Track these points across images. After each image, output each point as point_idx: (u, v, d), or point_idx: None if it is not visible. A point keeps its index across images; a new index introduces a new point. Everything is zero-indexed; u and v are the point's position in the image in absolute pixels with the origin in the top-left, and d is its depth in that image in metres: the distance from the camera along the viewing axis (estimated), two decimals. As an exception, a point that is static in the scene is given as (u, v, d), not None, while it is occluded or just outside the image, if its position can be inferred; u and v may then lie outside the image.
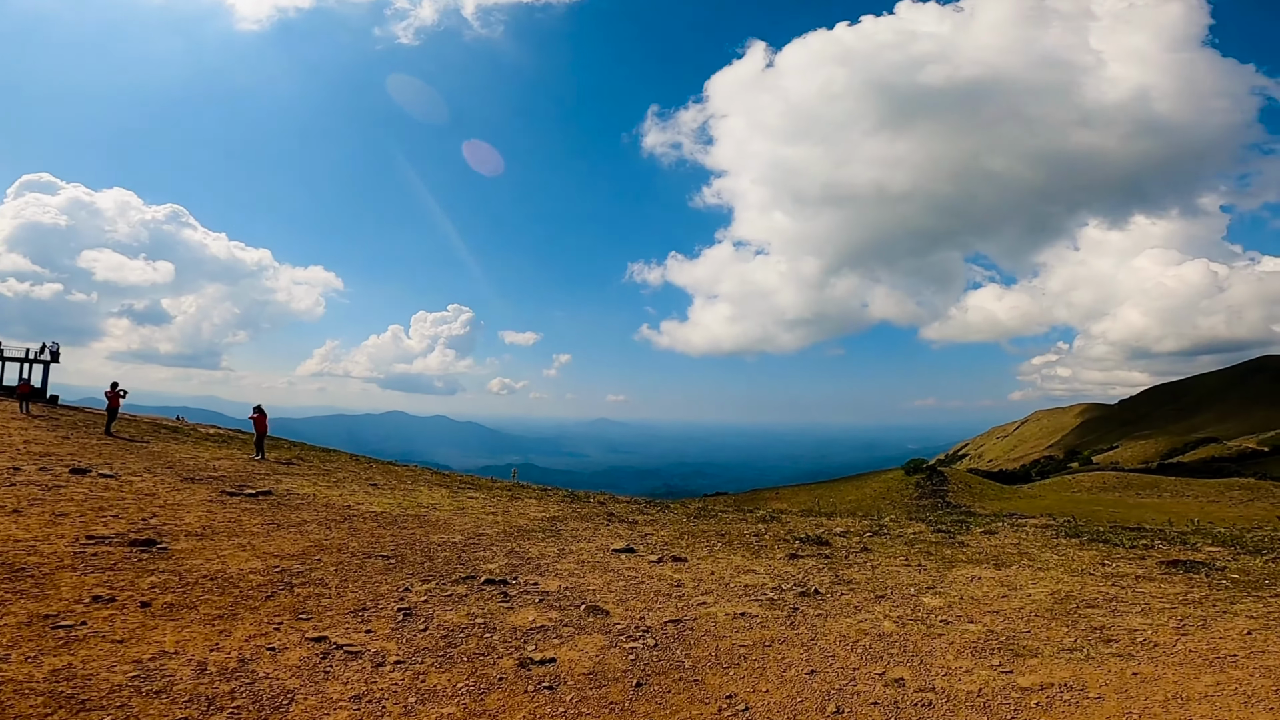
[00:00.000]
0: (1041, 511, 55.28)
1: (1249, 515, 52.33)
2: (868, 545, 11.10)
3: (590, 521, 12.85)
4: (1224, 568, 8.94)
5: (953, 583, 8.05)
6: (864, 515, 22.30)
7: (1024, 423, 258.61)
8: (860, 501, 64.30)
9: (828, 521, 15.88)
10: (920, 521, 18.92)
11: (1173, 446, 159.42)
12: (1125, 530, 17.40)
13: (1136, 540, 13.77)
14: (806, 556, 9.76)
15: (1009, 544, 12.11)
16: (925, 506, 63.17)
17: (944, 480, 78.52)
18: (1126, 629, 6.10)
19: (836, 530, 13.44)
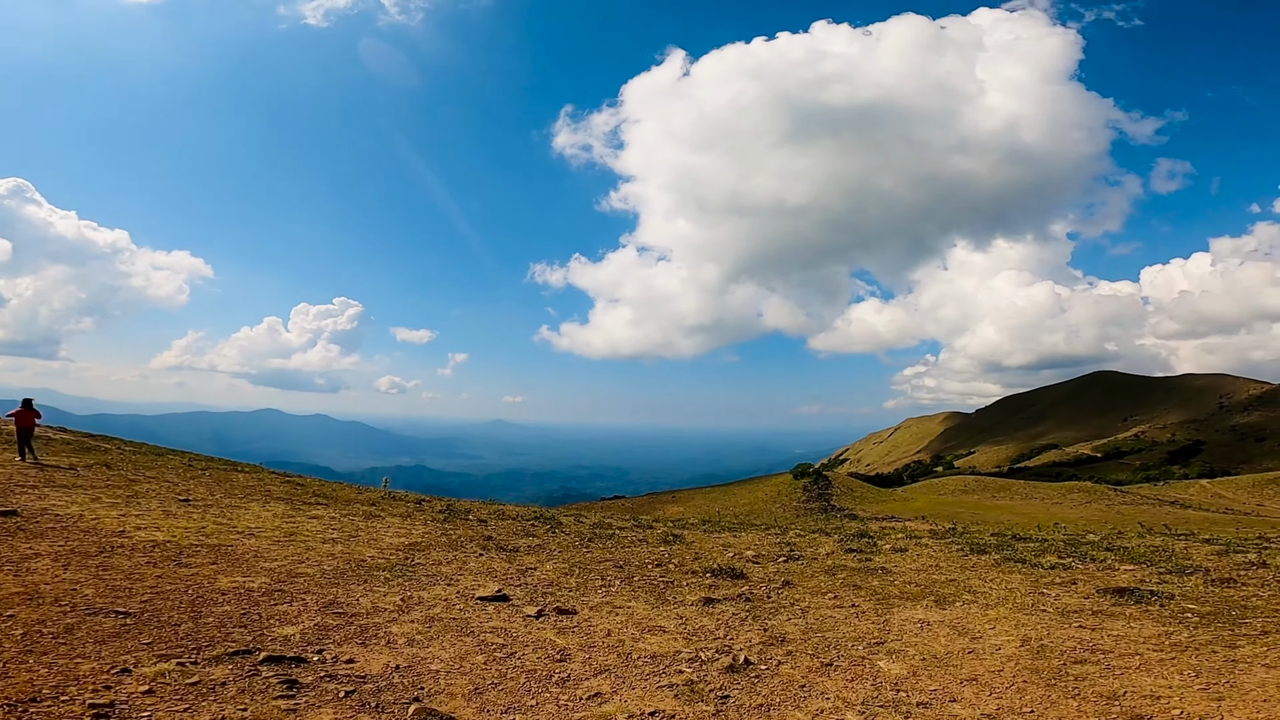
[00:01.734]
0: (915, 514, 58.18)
1: (1089, 516, 57.62)
2: (787, 577, 9.50)
3: (460, 550, 10.40)
4: (1172, 595, 8.07)
5: (902, 633, 6.51)
6: (766, 527, 21.15)
7: (897, 430, 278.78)
8: (753, 505, 64.94)
9: (735, 541, 14.33)
10: (824, 534, 17.92)
11: (1021, 452, 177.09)
12: (1021, 541, 17.22)
13: (1041, 553, 13.23)
14: (723, 600, 7.92)
15: (927, 566, 11.03)
16: (813, 510, 64.87)
17: (828, 484, 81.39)
18: (1147, 696, 4.72)
19: (748, 554, 11.85)
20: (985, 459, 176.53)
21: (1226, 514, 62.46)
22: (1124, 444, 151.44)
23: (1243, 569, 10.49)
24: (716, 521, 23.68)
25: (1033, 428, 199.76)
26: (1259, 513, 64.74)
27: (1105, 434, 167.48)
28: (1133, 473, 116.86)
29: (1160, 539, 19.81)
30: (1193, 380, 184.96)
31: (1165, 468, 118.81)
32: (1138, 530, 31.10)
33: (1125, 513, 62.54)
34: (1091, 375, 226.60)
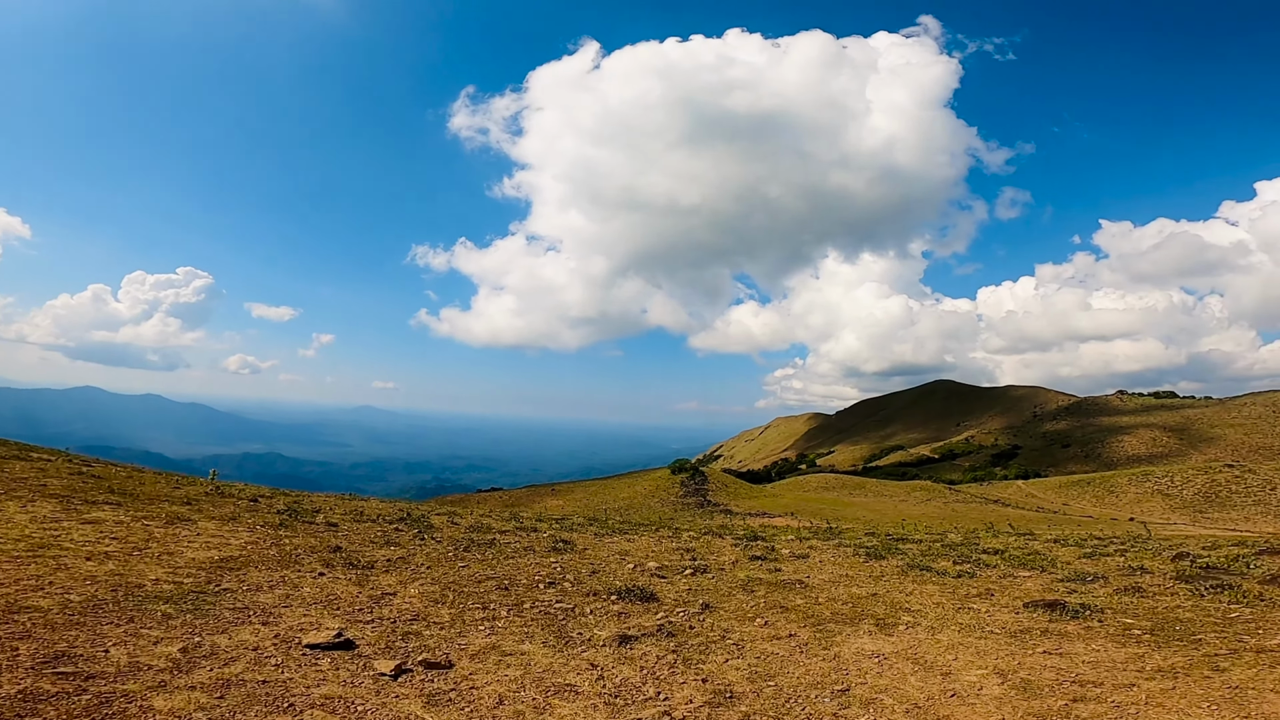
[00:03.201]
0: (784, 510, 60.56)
1: (930, 513, 62.87)
2: (704, 598, 8.19)
3: (293, 567, 8.07)
4: (1100, 608, 7.67)
5: (862, 672, 5.37)
6: (657, 528, 20.02)
7: (766, 428, 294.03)
8: (633, 499, 64.53)
9: (631, 547, 12.94)
10: (717, 536, 17.05)
11: (873, 452, 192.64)
12: (903, 543, 17.39)
13: (932, 557, 13.10)
14: (642, 637, 6.39)
15: (838, 576, 10.29)
16: (690, 505, 65.60)
17: (705, 480, 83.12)
18: None
19: (650, 565, 10.46)
20: (843, 458, 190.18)
21: (1039, 511, 70.69)
22: (957, 446, 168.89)
23: (1128, 574, 10.62)
24: (604, 521, 22.27)
25: (883, 430, 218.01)
26: (1064, 511, 73.87)
27: (942, 437, 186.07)
28: (963, 473, 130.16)
29: (1014, 538, 21.00)
30: (1013, 391, 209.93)
31: (989, 469, 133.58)
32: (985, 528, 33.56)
33: (959, 510, 68.90)
34: (933, 384, 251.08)
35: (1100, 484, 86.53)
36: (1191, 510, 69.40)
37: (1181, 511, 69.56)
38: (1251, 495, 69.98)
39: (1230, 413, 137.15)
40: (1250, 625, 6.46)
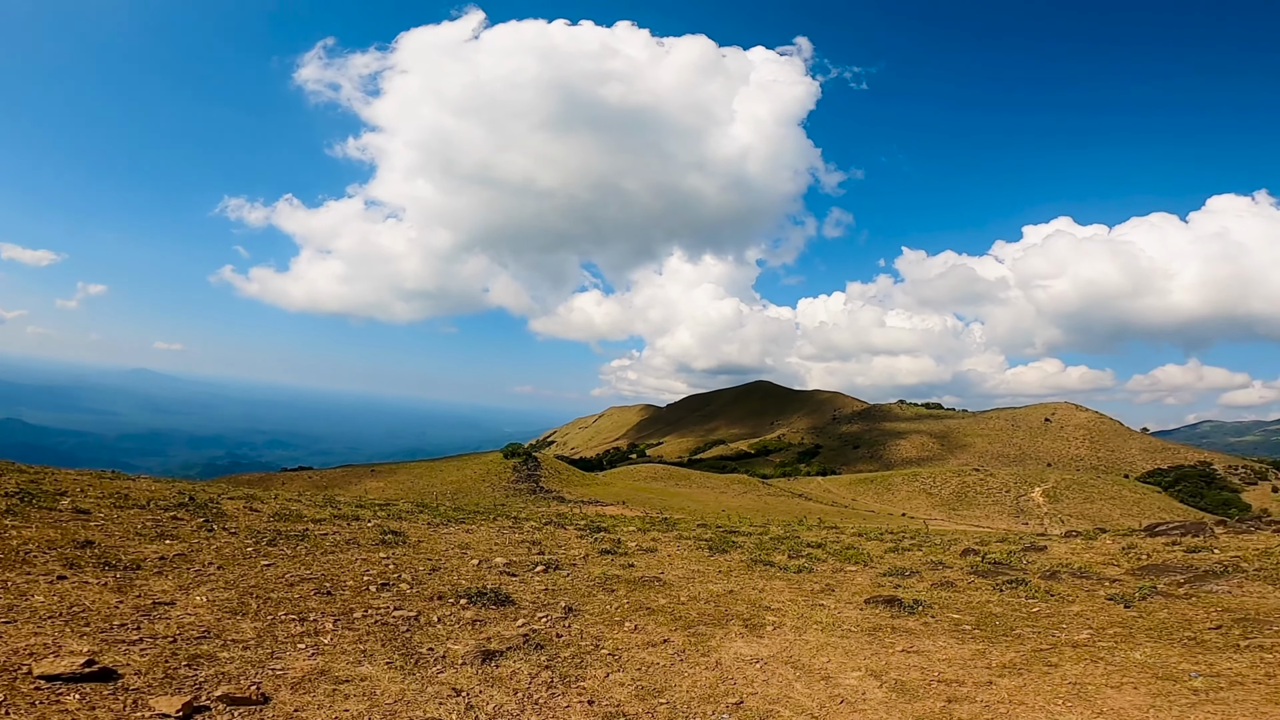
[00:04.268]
0: (615, 498, 61.73)
1: (747, 505, 67.89)
2: (564, 599, 7.53)
3: (20, 568, 6.05)
4: (928, 603, 8.26)
5: (749, 680, 5.08)
6: (495, 515, 18.93)
7: (600, 417, 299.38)
8: (462, 483, 61.75)
9: (471, 539, 11.87)
10: (559, 526, 16.48)
11: (699, 445, 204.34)
12: (736, 534, 18.15)
13: (768, 550, 13.68)
14: (505, 650, 5.55)
15: (691, 573, 10.23)
16: (522, 491, 64.34)
17: (537, 465, 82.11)
18: None
19: (497, 561, 9.55)
20: (671, 449, 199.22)
21: (835, 506, 79.35)
22: (770, 443, 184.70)
23: (933, 568, 11.75)
24: (436, 508, 20.61)
25: (708, 424, 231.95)
26: (854, 505, 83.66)
27: (759, 434, 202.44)
28: (774, 468, 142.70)
29: (826, 531, 22.93)
30: (819, 395, 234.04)
31: (796, 465, 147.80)
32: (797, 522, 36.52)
33: (771, 503, 75.02)
34: (753, 383, 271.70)
35: (881, 482, 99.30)
36: (948, 508, 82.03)
37: (941, 508, 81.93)
38: (991, 496, 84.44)
39: (980, 424, 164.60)
40: (1054, 620, 7.27)
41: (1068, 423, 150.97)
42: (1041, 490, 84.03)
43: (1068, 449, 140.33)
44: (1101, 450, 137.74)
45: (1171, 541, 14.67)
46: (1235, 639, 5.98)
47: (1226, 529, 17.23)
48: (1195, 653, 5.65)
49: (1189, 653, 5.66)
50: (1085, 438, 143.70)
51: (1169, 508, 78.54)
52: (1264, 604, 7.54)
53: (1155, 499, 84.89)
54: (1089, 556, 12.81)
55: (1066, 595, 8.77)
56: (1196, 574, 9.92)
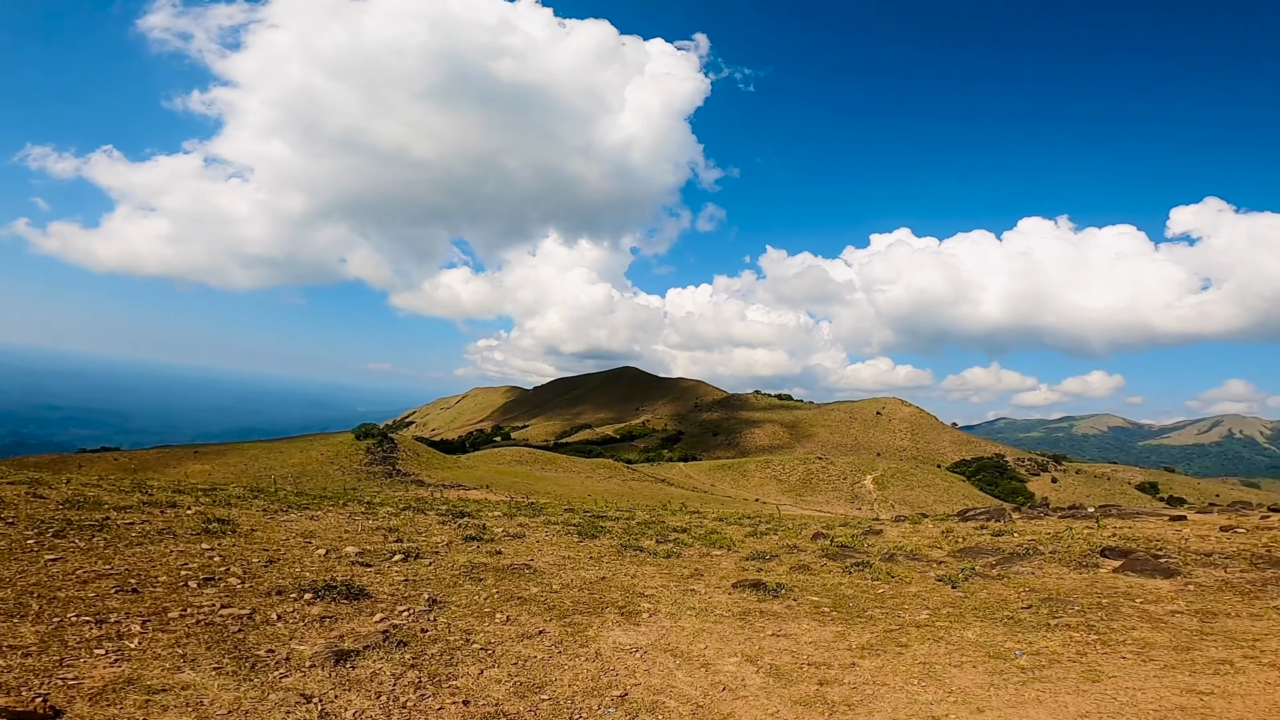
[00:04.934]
0: (478, 482, 60.05)
1: (613, 490, 68.97)
2: (428, 591, 6.96)
3: None
4: (789, 586, 8.67)
5: (630, 670, 4.92)
6: (344, 500, 17.47)
7: (464, 398, 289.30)
8: (306, 466, 56.72)
9: (316, 526, 10.78)
10: (418, 512, 15.55)
11: (565, 429, 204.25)
12: (604, 519, 18.23)
13: (635, 535, 13.83)
14: (362, 649, 4.94)
15: (561, 560, 10.01)
16: (377, 474, 60.50)
17: (394, 447, 77.69)
18: (922, 717, 4.15)
19: (349, 551, 8.70)
20: (537, 432, 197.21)
21: (695, 491, 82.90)
22: (636, 429, 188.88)
23: (790, 552, 12.48)
24: (274, 493, 18.61)
25: (575, 408, 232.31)
26: (712, 491, 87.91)
27: (624, 419, 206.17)
28: (639, 453, 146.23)
29: (689, 516, 23.76)
30: (682, 383, 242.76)
31: (659, 451, 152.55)
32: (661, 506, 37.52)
33: (635, 488, 76.72)
34: (620, 369, 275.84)
35: (737, 469, 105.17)
36: (795, 493, 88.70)
37: (789, 494, 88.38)
38: (831, 483, 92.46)
39: (823, 415, 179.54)
40: (897, 601, 7.92)
41: (895, 416, 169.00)
42: (872, 478, 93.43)
43: (894, 440, 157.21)
44: (921, 442, 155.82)
45: (980, 526, 16.73)
46: (1045, 618, 6.85)
47: (1021, 515, 20.01)
48: (1016, 632, 6.38)
49: (1011, 632, 6.38)
50: (908, 430, 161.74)
51: (972, 495, 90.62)
52: (1062, 584, 8.73)
53: (961, 486, 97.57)
54: (917, 540, 14.21)
55: (904, 577, 9.61)
56: (1004, 556, 11.32)
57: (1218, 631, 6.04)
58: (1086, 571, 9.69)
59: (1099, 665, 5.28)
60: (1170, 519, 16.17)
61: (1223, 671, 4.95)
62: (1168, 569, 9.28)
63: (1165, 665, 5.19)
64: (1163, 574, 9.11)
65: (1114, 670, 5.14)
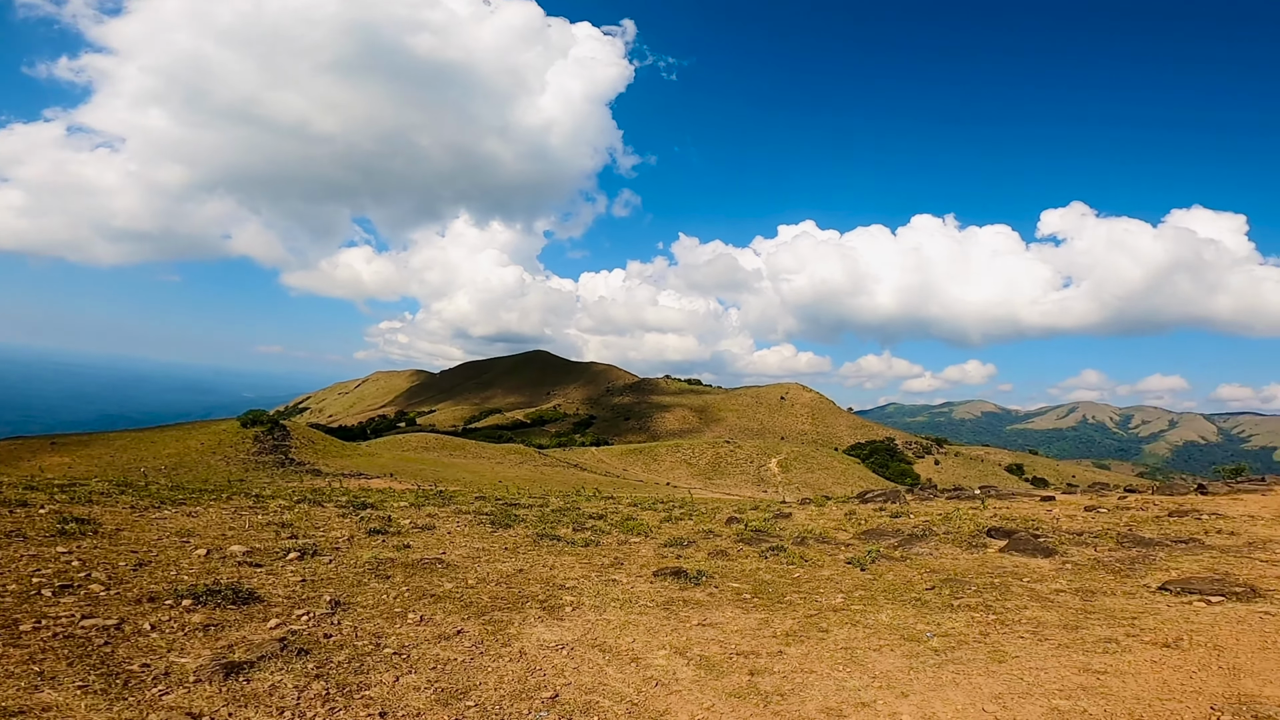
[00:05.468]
0: (382, 470, 57.42)
1: (524, 475, 68.01)
2: (328, 592, 6.38)
3: None
4: (709, 574, 8.71)
5: (559, 670, 4.63)
6: (229, 494, 16.01)
7: (365, 381, 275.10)
8: (184, 457, 51.95)
9: (195, 524, 9.78)
10: (316, 504, 14.51)
11: (474, 414, 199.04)
12: (518, 508, 17.79)
13: (551, 524, 13.56)
14: (257, 660, 4.39)
15: (476, 552, 9.64)
16: (267, 464, 56.39)
17: (287, 434, 72.76)
18: (858, 704, 4.18)
19: (234, 550, 7.90)
20: (444, 417, 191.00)
21: (608, 476, 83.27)
22: (547, 414, 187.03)
23: (705, 537, 12.63)
24: (145, 488, 16.78)
25: (484, 392, 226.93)
26: (625, 475, 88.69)
27: (535, 403, 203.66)
28: (551, 438, 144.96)
29: (604, 502, 23.72)
30: (594, 367, 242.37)
31: (571, 436, 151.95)
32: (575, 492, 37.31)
33: (547, 474, 76.06)
34: (531, 353, 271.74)
35: (648, 453, 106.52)
36: (705, 477, 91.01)
37: (699, 477, 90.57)
38: (739, 466, 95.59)
39: (732, 400, 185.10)
40: (813, 585, 8.14)
41: (797, 401, 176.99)
42: (777, 461, 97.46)
43: (796, 424, 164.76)
44: (820, 426, 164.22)
45: (879, 508, 17.70)
46: (948, 599, 7.24)
47: (914, 496, 21.39)
48: (924, 613, 6.70)
49: (919, 614, 6.69)
50: (809, 415, 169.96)
51: (867, 477, 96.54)
52: (958, 565, 9.30)
53: (857, 469, 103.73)
54: (823, 523, 14.81)
55: (816, 560, 9.93)
56: (905, 537, 11.97)
57: (1099, 610, 6.60)
58: (977, 552, 10.39)
59: (1002, 645, 5.61)
60: (1041, 499, 17.79)
61: (1111, 650, 5.39)
62: (1047, 548, 10.12)
63: (1059, 644, 5.59)
64: (1043, 553, 9.92)
65: (1016, 650, 5.48)
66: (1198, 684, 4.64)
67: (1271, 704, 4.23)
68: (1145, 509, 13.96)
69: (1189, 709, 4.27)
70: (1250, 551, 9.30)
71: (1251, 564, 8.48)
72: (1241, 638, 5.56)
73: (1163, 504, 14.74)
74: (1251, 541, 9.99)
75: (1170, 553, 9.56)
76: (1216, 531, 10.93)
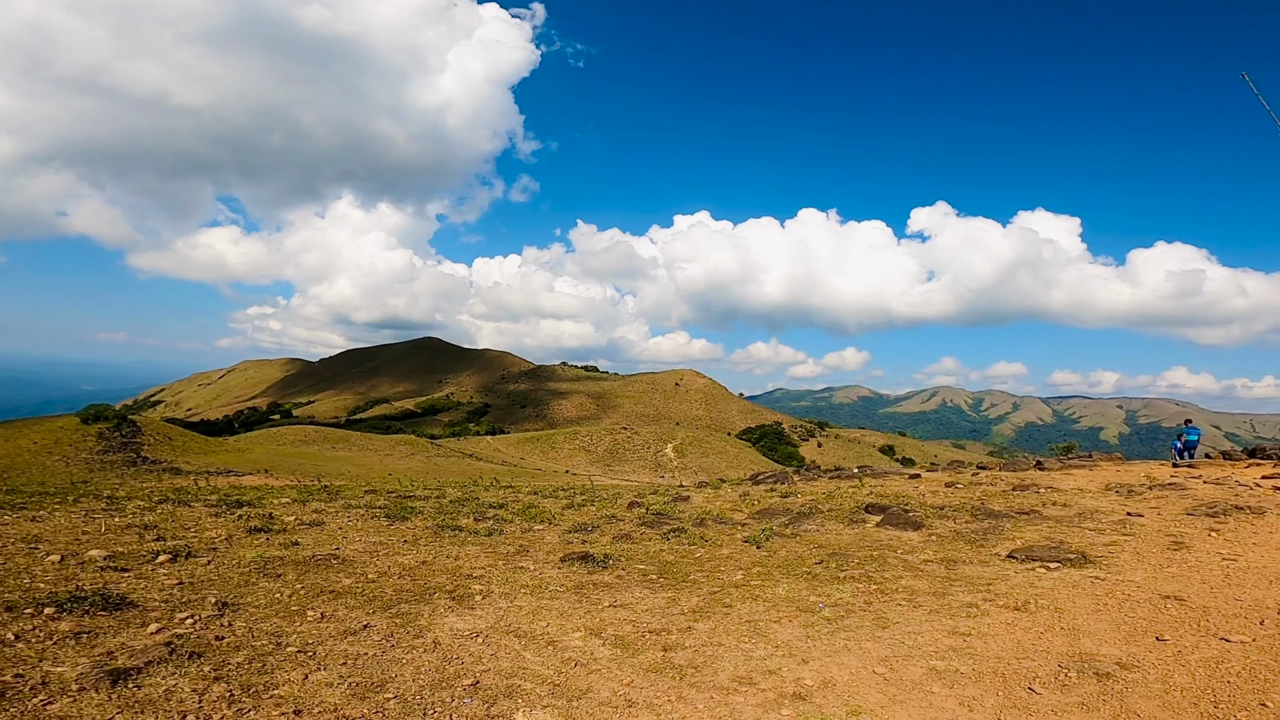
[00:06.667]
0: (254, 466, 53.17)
1: (415, 468, 65.48)
2: (214, 594, 5.92)
3: None
4: (615, 556, 8.92)
5: (476, 658, 4.55)
6: (75, 496, 14.32)
7: (230, 371, 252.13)
8: (14, 458, 45.38)
9: (40, 527, 8.71)
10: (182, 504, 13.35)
11: (358, 404, 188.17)
12: (411, 499, 17.21)
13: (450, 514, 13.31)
14: (145, 666, 3.92)
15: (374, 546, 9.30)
16: (115, 463, 50.48)
17: (137, 431, 65.49)
18: (766, 672, 4.46)
19: (94, 556, 7.13)
20: (325, 408, 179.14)
21: (505, 465, 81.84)
22: (439, 402, 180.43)
23: (609, 522, 12.88)
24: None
25: (369, 381, 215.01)
26: (522, 464, 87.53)
27: (426, 392, 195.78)
28: (444, 428, 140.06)
29: (503, 491, 23.44)
30: (489, 354, 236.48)
31: (465, 425, 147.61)
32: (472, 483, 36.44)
33: (441, 465, 73.57)
34: (422, 340, 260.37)
35: (545, 441, 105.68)
36: (603, 464, 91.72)
37: (598, 464, 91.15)
38: (637, 452, 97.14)
39: (628, 386, 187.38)
40: (714, 564, 8.58)
41: (691, 387, 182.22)
42: (672, 446, 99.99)
43: (691, 410, 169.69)
44: (714, 411, 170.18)
45: (770, 489, 18.78)
46: (835, 572, 7.91)
47: (800, 477, 22.83)
48: (815, 586, 7.29)
49: (811, 586, 7.27)
50: (703, 400, 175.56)
51: (757, 460, 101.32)
52: (841, 540, 10.13)
53: (748, 453, 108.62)
54: (720, 504, 15.52)
55: (715, 540, 10.44)
56: (794, 516, 12.83)
57: (960, 578, 7.48)
58: (857, 527, 11.35)
59: (884, 613, 6.25)
60: (909, 477, 19.60)
61: (973, 614, 6.15)
62: (915, 522, 11.23)
63: (931, 610, 6.30)
64: (912, 527, 11.01)
65: (896, 617, 6.12)
66: (1045, 644, 5.41)
67: (1108, 661, 5.01)
68: (994, 484, 15.78)
69: (1041, 666, 4.98)
70: (1080, 521, 10.81)
71: (1082, 533, 9.88)
72: (1077, 600, 6.51)
73: (1008, 479, 16.74)
74: (1081, 512, 11.60)
75: (1015, 523, 10.93)
76: (1053, 504, 12.58)
